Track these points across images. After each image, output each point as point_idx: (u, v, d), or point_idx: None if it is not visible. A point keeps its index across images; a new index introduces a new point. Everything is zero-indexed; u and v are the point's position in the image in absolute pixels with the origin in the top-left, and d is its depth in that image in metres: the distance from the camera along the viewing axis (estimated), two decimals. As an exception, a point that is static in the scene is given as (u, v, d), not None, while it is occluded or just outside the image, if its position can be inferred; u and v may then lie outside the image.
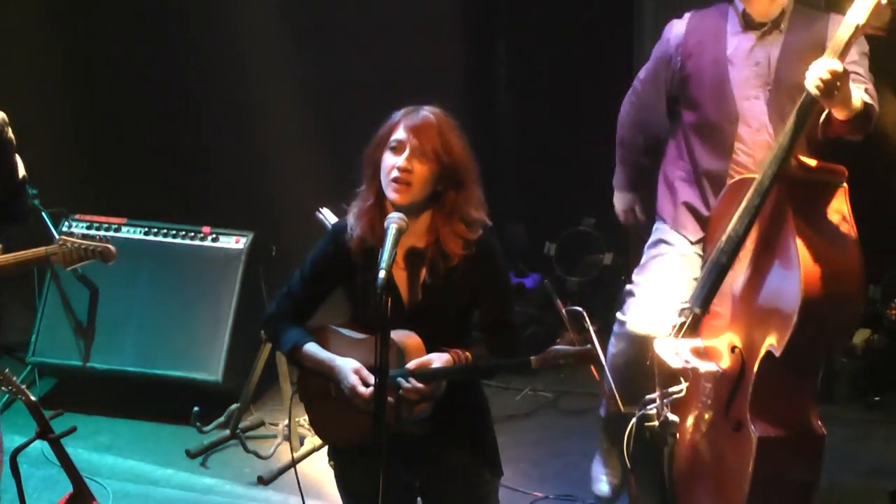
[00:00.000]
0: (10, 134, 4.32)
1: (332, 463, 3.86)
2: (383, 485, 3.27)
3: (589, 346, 3.50)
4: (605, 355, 4.58)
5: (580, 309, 4.32)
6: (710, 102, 4.40)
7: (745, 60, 4.38)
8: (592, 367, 4.26)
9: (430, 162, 3.50)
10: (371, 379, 3.48)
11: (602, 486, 5.05)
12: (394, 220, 3.40)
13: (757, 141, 4.36)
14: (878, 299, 6.13)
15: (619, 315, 4.75)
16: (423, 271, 3.57)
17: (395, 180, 3.49)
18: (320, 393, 3.71)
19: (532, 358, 3.46)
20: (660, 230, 4.71)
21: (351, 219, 3.63)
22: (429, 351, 3.54)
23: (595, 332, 4.13)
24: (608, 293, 6.90)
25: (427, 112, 3.58)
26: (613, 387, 4.45)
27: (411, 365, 3.49)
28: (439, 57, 6.86)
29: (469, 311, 3.70)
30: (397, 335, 3.51)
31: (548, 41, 7.15)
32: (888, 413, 6.03)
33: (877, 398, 6.10)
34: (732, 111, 4.37)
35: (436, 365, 3.50)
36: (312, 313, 3.76)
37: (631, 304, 4.67)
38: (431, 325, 3.57)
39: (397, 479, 3.63)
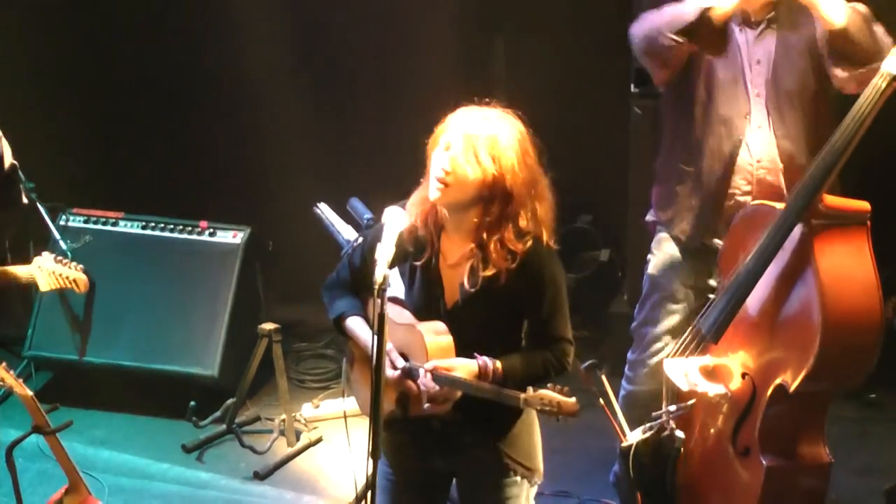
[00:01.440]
0: None
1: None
2: (374, 473, 3.27)
3: (574, 399, 3.46)
4: (613, 392, 4.48)
5: (595, 361, 4.33)
6: (723, 97, 4.32)
7: (748, 58, 4.33)
8: (607, 410, 4.25)
9: (473, 168, 3.45)
10: (399, 362, 3.52)
11: None
12: (391, 216, 3.40)
13: (757, 138, 4.31)
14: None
15: (632, 355, 4.68)
16: (465, 274, 3.55)
17: (437, 179, 3.47)
18: (361, 361, 3.76)
19: (522, 395, 3.43)
20: (656, 245, 4.63)
21: (408, 206, 3.62)
22: (463, 353, 3.52)
23: (606, 378, 4.10)
24: (605, 290, 6.90)
25: (485, 114, 3.52)
26: (623, 421, 4.37)
27: (429, 365, 3.48)
28: (437, 53, 6.85)
29: (515, 321, 3.62)
30: (428, 329, 3.53)
31: (545, 38, 7.14)
32: (884, 411, 6.03)
33: (873, 396, 6.10)
34: (745, 108, 4.31)
35: (457, 373, 3.48)
36: (367, 287, 3.75)
37: (644, 343, 4.61)
38: (468, 329, 3.54)
39: (432, 465, 3.69)
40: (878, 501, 5.00)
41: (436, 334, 3.54)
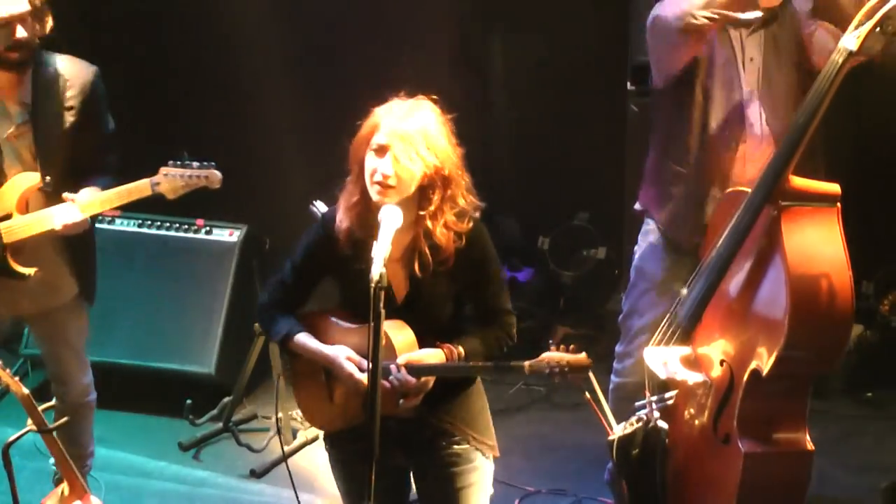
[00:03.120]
0: (103, 88, 4.53)
1: (328, 448, 3.88)
2: (374, 477, 3.26)
3: (584, 354, 3.46)
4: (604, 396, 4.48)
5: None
6: (720, 100, 4.28)
7: (741, 56, 4.28)
8: (594, 407, 4.24)
9: (413, 165, 3.48)
10: (364, 364, 3.54)
11: None
12: (388, 215, 3.40)
13: (753, 138, 4.27)
14: (870, 295, 6.13)
15: (619, 347, 4.66)
16: (413, 263, 3.58)
17: (378, 183, 3.49)
18: (310, 377, 3.76)
19: (526, 363, 3.45)
20: (643, 236, 4.60)
21: (339, 210, 3.65)
22: (421, 344, 3.56)
23: (597, 384, 4.10)
24: (602, 287, 6.90)
25: (406, 108, 3.55)
26: (612, 418, 4.35)
27: (402, 360, 3.50)
28: (433, 51, 6.85)
29: (461, 303, 3.71)
30: (390, 327, 3.53)
31: (542, 35, 7.14)
32: (881, 409, 6.04)
33: (869, 394, 6.10)
34: (740, 111, 4.26)
35: (427, 362, 3.53)
36: (304, 301, 3.81)
37: (631, 335, 4.59)
38: (422, 318, 3.59)
39: (390, 463, 3.66)
40: (874, 499, 5.00)
41: (398, 330, 3.57)
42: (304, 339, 3.68)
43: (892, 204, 5.85)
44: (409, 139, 3.47)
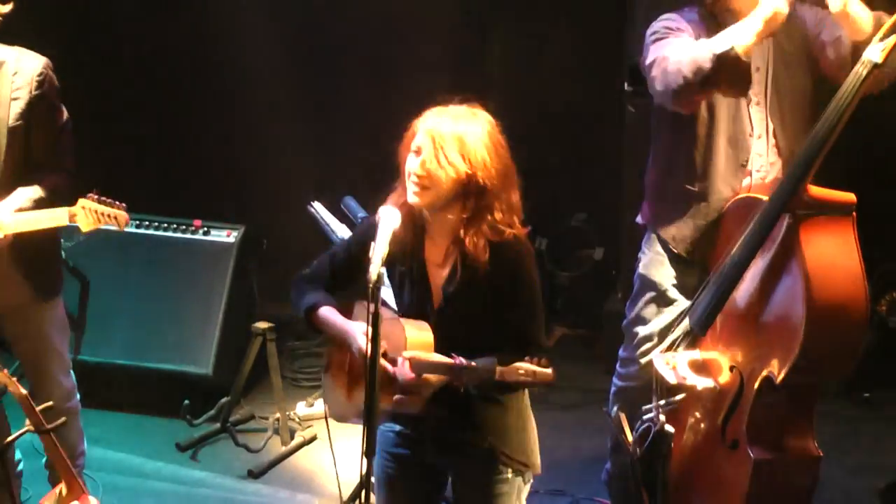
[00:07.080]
0: (54, 81, 4.38)
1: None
2: (370, 471, 3.26)
3: (551, 370, 3.44)
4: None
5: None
6: (727, 115, 4.21)
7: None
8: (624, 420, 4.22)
9: (446, 168, 3.47)
10: (381, 344, 3.50)
11: None
12: (385, 216, 3.40)
13: (758, 148, 4.22)
14: (867, 295, 6.12)
15: (623, 353, 4.64)
16: (447, 272, 3.57)
17: (413, 184, 3.50)
18: (339, 367, 3.76)
19: (498, 369, 3.40)
20: (647, 244, 4.54)
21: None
22: (448, 353, 3.51)
23: (601, 377, 4.07)
24: (599, 288, 6.91)
25: (452, 113, 3.54)
26: (623, 420, 4.33)
27: (408, 353, 3.49)
28: (431, 50, 6.86)
29: (498, 323, 3.59)
30: (410, 325, 3.54)
31: (540, 36, 7.15)
32: (878, 410, 6.05)
33: (867, 395, 6.11)
34: (748, 125, 4.21)
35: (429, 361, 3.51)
36: (344, 287, 3.75)
37: (636, 342, 4.54)
38: (456, 329, 3.54)
39: (426, 462, 3.70)
40: (872, 500, 5.01)
41: (417, 329, 3.55)
42: (328, 312, 3.65)
43: (889, 204, 5.85)
44: (441, 141, 3.47)
